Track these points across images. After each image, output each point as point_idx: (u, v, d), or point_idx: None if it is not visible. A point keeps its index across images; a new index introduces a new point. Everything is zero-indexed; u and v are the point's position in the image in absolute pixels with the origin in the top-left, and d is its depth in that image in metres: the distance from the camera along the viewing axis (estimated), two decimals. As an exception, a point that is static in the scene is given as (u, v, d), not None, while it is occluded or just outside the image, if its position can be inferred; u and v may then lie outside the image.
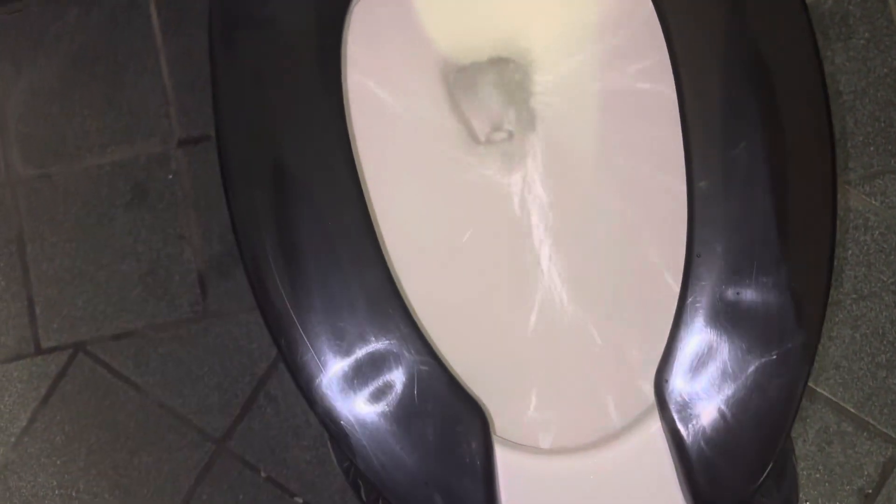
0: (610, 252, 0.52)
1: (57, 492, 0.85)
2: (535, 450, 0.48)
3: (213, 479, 0.84)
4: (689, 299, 0.45)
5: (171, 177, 0.88)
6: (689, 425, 0.45)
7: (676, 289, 0.46)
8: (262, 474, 0.84)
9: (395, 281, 0.48)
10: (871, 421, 0.77)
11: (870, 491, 0.76)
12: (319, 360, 0.46)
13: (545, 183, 0.58)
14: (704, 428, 0.45)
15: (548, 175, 0.58)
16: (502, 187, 0.60)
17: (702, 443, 0.45)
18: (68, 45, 0.90)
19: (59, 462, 0.86)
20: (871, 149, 0.80)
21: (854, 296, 0.79)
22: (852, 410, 0.77)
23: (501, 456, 0.47)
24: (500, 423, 0.48)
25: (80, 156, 0.89)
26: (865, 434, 0.77)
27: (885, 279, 0.79)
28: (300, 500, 0.83)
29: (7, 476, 0.86)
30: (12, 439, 0.86)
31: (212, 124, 0.87)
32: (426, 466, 0.46)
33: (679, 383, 0.45)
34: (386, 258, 0.48)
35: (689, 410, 0.45)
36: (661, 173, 0.50)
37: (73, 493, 0.85)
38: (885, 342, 0.78)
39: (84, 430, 0.86)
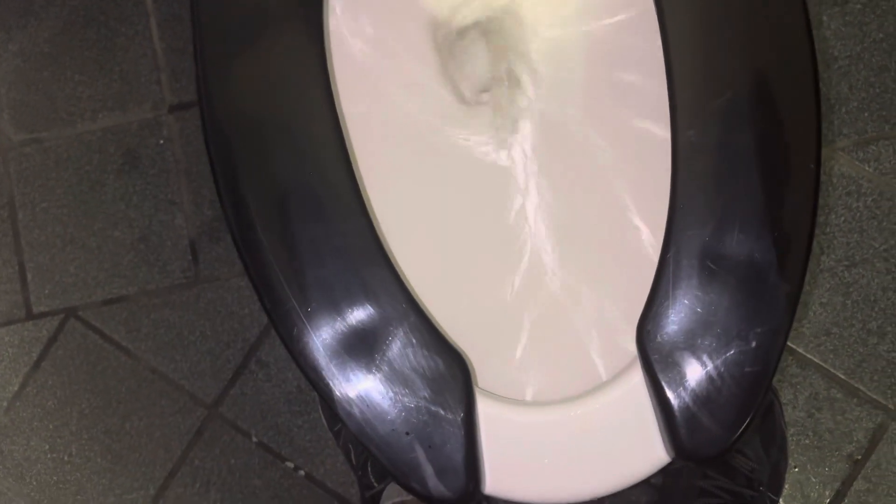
0: (595, 209, 0.52)
1: (49, 455, 0.85)
2: (518, 402, 0.48)
3: (204, 444, 0.84)
4: (672, 251, 0.45)
5: (162, 143, 0.88)
6: (670, 376, 0.45)
7: (660, 243, 0.46)
8: (254, 439, 0.84)
9: (380, 237, 0.48)
10: (861, 387, 0.77)
11: (859, 457, 0.76)
12: (302, 311, 0.46)
13: (531, 142, 0.57)
14: (685, 379, 0.44)
15: (534, 134, 0.57)
16: (488, 147, 0.59)
17: (683, 393, 0.44)
18: (59, 9, 0.89)
19: (51, 426, 0.86)
20: (866, 114, 0.79)
21: (846, 263, 0.78)
22: (842, 377, 0.77)
23: (483, 407, 0.47)
24: (483, 375, 0.48)
25: (71, 122, 0.88)
26: (855, 400, 0.77)
27: (876, 246, 0.78)
28: (291, 465, 0.83)
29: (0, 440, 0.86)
30: (4, 404, 0.86)
31: (203, 90, 0.88)
32: (408, 417, 0.46)
33: (660, 335, 0.45)
34: (371, 214, 0.48)
35: (670, 361, 0.45)
36: (647, 126, 0.50)
37: (66, 458, 0.85)
38: (876, 309, 0.78)
39: (76, 395, 0.86)
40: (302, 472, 0.83)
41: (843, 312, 0.78)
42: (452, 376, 0.46)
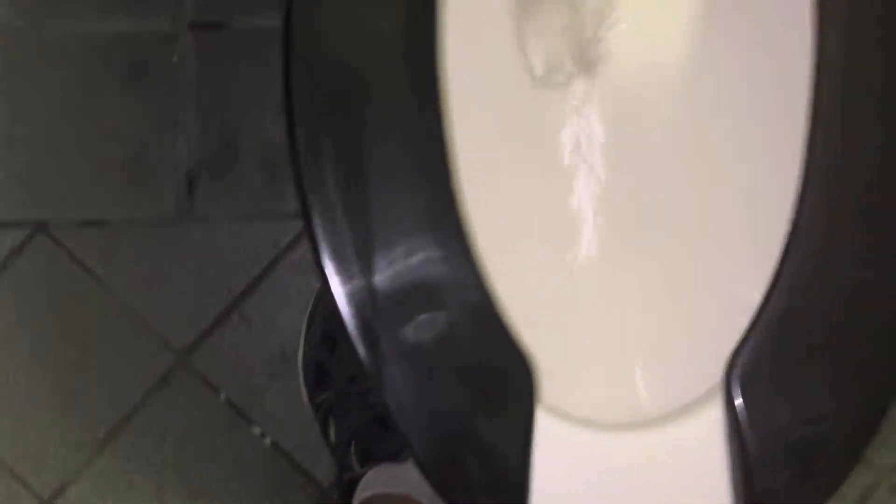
0: (683, 201, 0.47)
1: (-9, 378, 0.77)
2: (577, 419, 0.43)
3: (168, 392, 0.77)
4: (786, 272, 0.40)
5: (175, 59, 0.80)
6: (755, 422, 0.41)
7: (772, 260, 0.41)
8: (222, 396, 0.77)
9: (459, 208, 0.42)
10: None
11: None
12: (365, 276, 0.40)
13: (610, 127, 0.52)
14: (772, 430, 0.40)
15: (614, 118, 0.52)
16: (560, 130, 0.54)
17: (765, 446, 0.40)
18: None
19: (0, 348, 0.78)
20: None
21: None
22: None
23: (542, 421, 0.42)
24: (548, 385, 0.43)
25: (77, 16, 0.80)
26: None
27: None
28: (258, 430, 0.77)
29: (-63, 351, 0.77)
30: (-51, 313, 0.78)
31: (231, 12, 0.80)
32: (460, 422, 0.41)
33: (755, 371, 0.40)
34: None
35: (760, 406, 0.40)
36: (757, 119, 0.45)
37: (10, 380, 0.77)
38: None
39: (33, 317, 0.78)
40: (268, 440, 0.77)
41: None
42: (517, 385, 0.41)
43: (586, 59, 0.56)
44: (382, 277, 0.41)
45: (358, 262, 0.41)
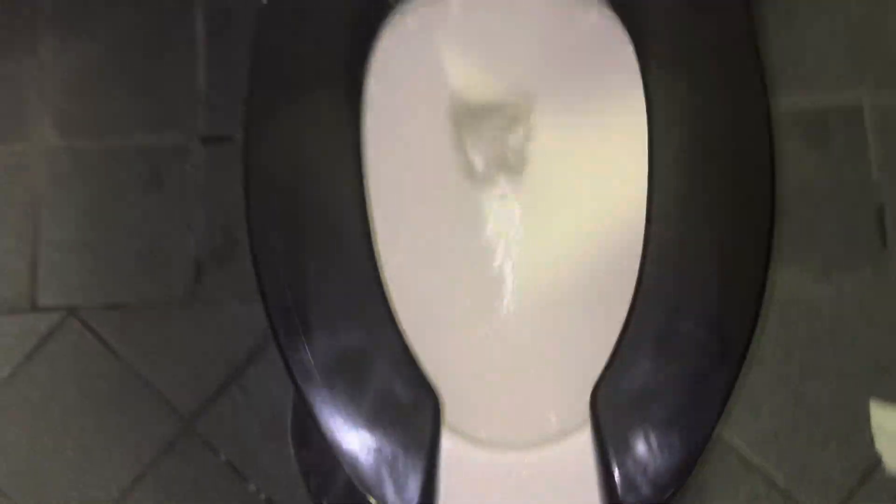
0: (571, 275, 0.58)
1: (24, 444, 0.89)
2: (477, 441, 0.53)
3: (174, 454, 0.88)
4: (631, 328, 0.51)
5: (188, 168, 0.94)
6: (615, 439, 0.50)
7: (623, 315, 0.52)
8: (222, 457, 0.87)
9: (382, 280, 0.54)
10: (799, 498, 0.81)
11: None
12: (303, 329, 0.51)
13: (525, 213, 0.64)
14: (627, 443, 0.50)
15: (529, 207, 0.64)
16: (485, 210, 0.66)
17: (623, 456, 0.50)
18: (117, 30, 0.97)
19: (31, 416, 0.89)
20: (833, 244, 0.86)
21: (799, 376, 0.84)
22: (782, 483, 0.82)
23: (447, 442, 0.52)
24: (452, 411, 0.53)
25: (107, 134, 0.95)
26: (792, 505, 0.81)
27: (829, 364, 0.84)
28: (253, 487, 0.87)
29: (-21, 423, 0.89)
30: (-9, 389, 0.90)
31: (236, 127, 0.95)
32: (379, 437, 0.51)
33: (611, 400, 0.50)
34: (378, 256, 0.54)
35: (616, 426, 0.50)
36: (624, 214, 0.56)
37: (39, 448, 0.89)
38: (820, 422, 0.83)
39: (61, 390, 0.90)
40: (263, 496, 0.87)
41: (793, 421, 0.83)
42: (424, 408, 0.51)
43: (511, 161, 0.69)
44: (321, 344, 0.52)
45: (302, 331, 0.52)
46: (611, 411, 0.50)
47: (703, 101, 0.55)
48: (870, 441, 0.82)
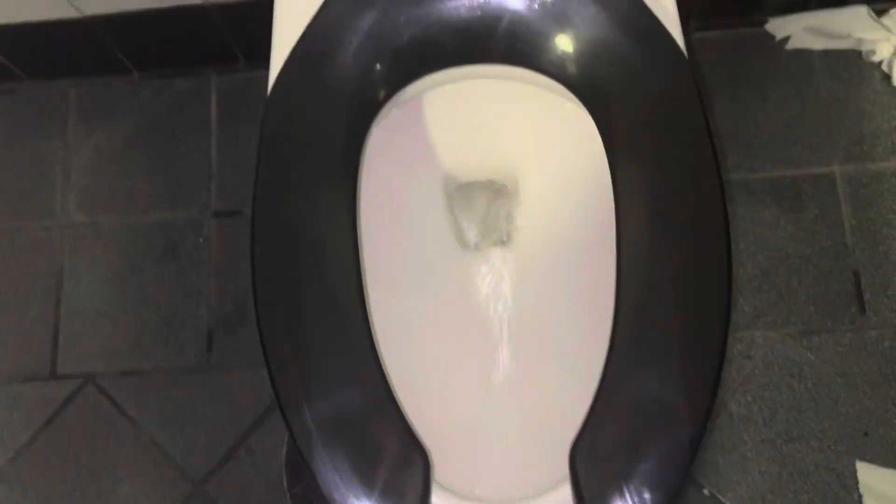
0: (553, 344, 0.63)
1: (42, 506, 0.93)
2: (465, 497, 0.57)
3: (185, 516, 0.91)
4: (605, 385, 0.55)
5: (201, 241, 1.00)
6: (591, 492, 0.54)
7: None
8: (230, 518, 0.91)
9: (376, 345, 0.58)
10: (789, 555, 0.84)
11: None
12: (304, 394, 0.56)
13: (513, 284, 0.69)
14: (603, 496, 0.54)
15: (516, 278, 0.69)
16: (479, 284, 0.71)
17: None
18: (136, 116, 1.04)
19: (48, 480, 0.94)
20: (811, 308, 0.90)
21: (785, 437, 0.87)
22: (771, 541, 0.84)
23: (437, 498, 0.56)
24: (441, 469, 0.57)
25: (126, 211, 1.01)
26: (781, 565, 0.84)
27: (813, 426, 0.87)
28: (260, 548, 0.90)
29: (-1, 486, 0.94)
30: (11, 454, 0.95)
31: (246, 203, 1.01)
32: (374, 492, 0.55)
33: (586, 458, 0.54)
34: (371, 323, 0.59)
35: (592, 480, 0.54)
36: (602, 281, 0.61)
37: (56, 510, 0.93)
38: (808, 483, 0.86)
39: (77, 454, 0.94)
40: (269, 556, 0.90)
41: (779, 482, 0.86)
42: (415, 467, 0.55)
43: (500, 232, 0.75)
44: (320, 408, 0.57)
45: (303, 396, 0.57)
46: (587, 466, 0.54)
47: (664, 184, 0.60)
48: (858, 502, 0.85)
